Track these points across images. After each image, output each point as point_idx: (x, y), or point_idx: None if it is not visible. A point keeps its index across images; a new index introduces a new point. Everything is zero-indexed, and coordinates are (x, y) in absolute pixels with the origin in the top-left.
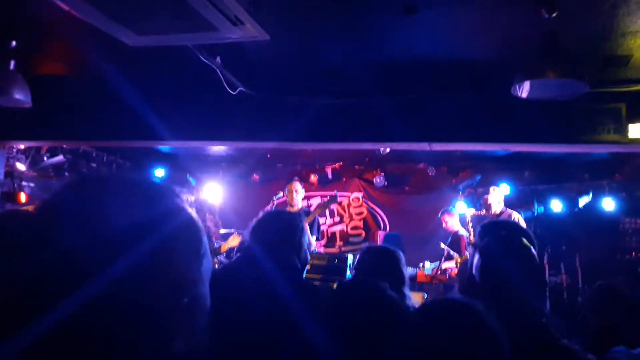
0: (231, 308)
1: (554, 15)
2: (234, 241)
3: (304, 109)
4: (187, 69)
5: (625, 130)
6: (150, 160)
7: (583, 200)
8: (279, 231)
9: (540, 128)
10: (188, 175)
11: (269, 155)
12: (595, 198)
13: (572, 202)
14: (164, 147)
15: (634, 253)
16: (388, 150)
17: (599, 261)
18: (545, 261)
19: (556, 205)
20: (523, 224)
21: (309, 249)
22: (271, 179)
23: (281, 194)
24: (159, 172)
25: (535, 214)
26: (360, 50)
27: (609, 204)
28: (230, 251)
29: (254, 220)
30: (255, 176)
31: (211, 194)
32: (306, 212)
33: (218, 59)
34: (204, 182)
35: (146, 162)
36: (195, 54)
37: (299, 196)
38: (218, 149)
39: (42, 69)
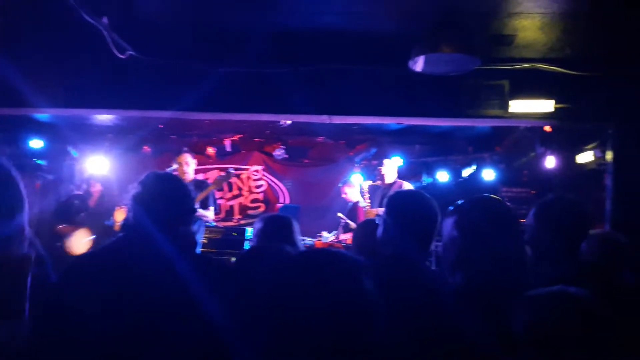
0: (122, 290)
1: None
2: (120, 216)
3: (200, 77)
4: (69, 30)
5: (507, 106)
6: (26, 130)
7: (467, 171)
8: (173, 201)
9: (432, 103)
10: (70, 148)
11: (161, 126)
12: (478, 169)
13: (457, 173)
14: (42, 115)
15: None
16: (289, 122)
17: None
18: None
19: (443, 176)
20: None
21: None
22: (164, 151)
23: (175, 166)
24: (36, 143)
25: (424, 184)
26: (260, 16)
27: (489, 175)
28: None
29: (138, 186)
30: (147, 148)
31: (96, 167)
32: (199, 183)
33: (105, 19)
34: (88, 155)
35: (21, 132)
36: (79, 11)
37: (190, 168)
38: (103, 118)
39: None
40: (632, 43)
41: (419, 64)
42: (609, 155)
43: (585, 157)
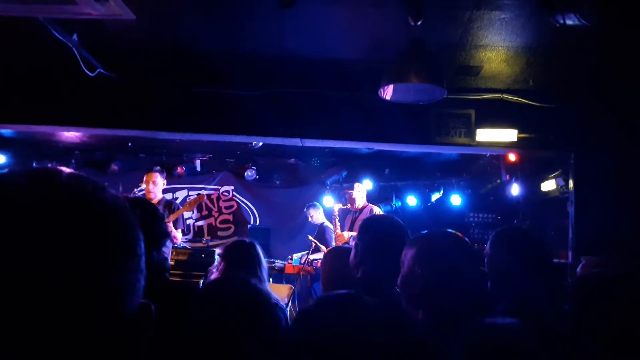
0: None
1: (419, 23)
2: None
3: (171, 96)
4: (37, 45)
5: (473, 134)
6: None
7: (435, 196)
8: (144, 226)
9: (401, 129)
10: (34, 164)
11: (129, 144)
12: (445, 194)
13: (425, 197)
14: (6, 131)
15: (476, 244)
16: (261, 144)
17: None
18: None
19: (412, 200)
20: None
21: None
22: (132, 169)
23: (144, 186)
24: None
25: (394, 208)
26: (233, 39)
27: (456, 200)
28: None
29: None
30: (114, 166)
31: None
32: (168, 203)
33: (75, 36)
34: None
35: None
36: (48, 28)
37: (157, 188)
38: (70, 134)
39: None
40: (591, 76)
41: (388, 93)
42: (570, 184)
43: (549, 185)
